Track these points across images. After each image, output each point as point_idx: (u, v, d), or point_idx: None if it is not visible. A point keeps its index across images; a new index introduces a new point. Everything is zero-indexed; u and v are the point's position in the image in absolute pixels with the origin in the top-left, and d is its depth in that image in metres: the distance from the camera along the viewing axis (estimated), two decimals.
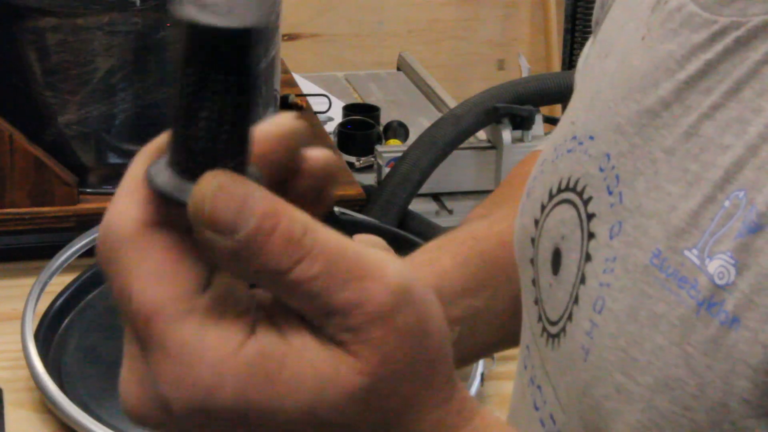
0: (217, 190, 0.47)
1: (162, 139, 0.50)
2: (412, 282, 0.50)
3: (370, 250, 0.50)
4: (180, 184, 0.48)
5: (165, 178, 0.48)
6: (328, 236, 0.49)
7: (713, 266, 0.57)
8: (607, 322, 0.62)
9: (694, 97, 0.61)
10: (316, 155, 0.52)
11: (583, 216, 0.65)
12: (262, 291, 0.51)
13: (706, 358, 0.57)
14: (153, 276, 0.48)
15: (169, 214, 0.49)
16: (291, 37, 2.63)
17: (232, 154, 0.48)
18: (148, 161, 0.50)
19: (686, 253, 0.59)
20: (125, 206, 0.49)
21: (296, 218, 0.48)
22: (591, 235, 0.65)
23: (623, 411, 0.60)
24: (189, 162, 0.48)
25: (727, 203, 0.58)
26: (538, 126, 1.54)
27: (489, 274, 0.84)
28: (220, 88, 0.47)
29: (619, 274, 0.62)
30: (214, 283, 0.49)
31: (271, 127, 0.51)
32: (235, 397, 0.48)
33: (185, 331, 0.48)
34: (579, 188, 0.66)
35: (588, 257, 0.64)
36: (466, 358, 0.88)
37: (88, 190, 1.37)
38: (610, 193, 0.64)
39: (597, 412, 0.62)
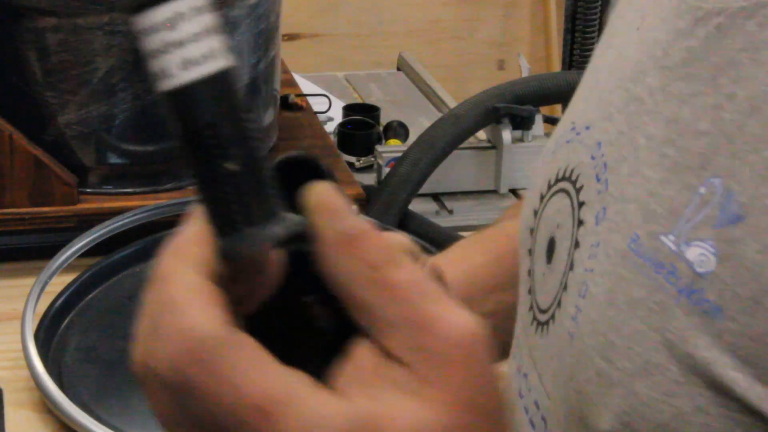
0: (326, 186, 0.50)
1: (182, 237, 0.50)
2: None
3: None
4: (248, 233, 0.48)
5: (232, 242, 0.48)
6: None
7: (692, 253, 0.57)
8: (589, 307, 0.62)
9: (677, 83, 0.61)
10: None
11: (575, 204, 0.66)
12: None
13: (688, 346, 0.57)
14: (258, 366, 0.48)
15: (247, 281, 0.50)
16: (291, 37, 2.62)
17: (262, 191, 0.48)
18: (181, 260, 0.50)
19: (662, 238, 0.59)
20: (201, 311, 0.48)
21: None
22: (580, 223, 0.65)
23: (605, 395, 0.60)
24: (242, 214, 0.47)
25: (702, 190, 0.58)
26: (538, 126, 1.54)
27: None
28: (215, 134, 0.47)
29: (601, 259, 0.62)
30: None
31: None
32: None
33: (307, 408, 0.48)
34: (573, 177, 0.67)
35: (577, 244, 0.65)
36: (499, 351, 0.89)
37: (88, 190, 1.37)
38: (599, 180, 0.64)
39: (581, 397, 0.62)
